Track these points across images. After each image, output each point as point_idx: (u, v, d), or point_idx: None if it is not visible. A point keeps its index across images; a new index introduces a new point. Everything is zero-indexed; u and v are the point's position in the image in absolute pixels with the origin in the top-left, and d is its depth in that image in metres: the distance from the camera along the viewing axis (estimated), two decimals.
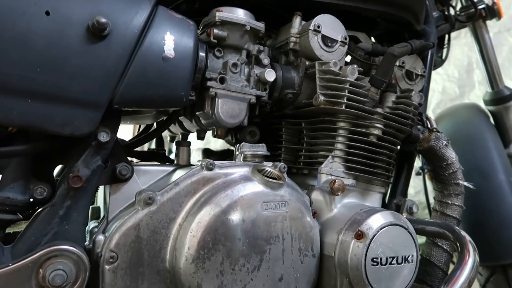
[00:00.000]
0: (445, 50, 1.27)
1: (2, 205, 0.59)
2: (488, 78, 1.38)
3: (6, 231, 0.63)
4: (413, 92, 0.84)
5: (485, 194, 1.16)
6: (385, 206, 0.92)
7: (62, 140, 0.61)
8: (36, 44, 0.55)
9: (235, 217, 0.64)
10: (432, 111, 2.38)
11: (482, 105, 1.41)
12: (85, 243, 0.63)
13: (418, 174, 1.27)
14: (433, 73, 1.09)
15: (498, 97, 1.35)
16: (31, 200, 0.63)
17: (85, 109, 0.58)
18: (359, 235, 0.66)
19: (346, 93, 0.76)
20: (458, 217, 0.93)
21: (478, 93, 2.37)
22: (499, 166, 1.19)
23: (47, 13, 0.56)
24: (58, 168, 0.88)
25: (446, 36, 1.25)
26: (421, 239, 0.84)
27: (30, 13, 0.55)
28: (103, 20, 0.57)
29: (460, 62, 2.46)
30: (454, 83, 2.48)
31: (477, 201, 1.14)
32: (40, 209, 0.60)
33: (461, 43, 2.38)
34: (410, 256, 0.69)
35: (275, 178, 0.69)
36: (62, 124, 0.57)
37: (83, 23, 0.57)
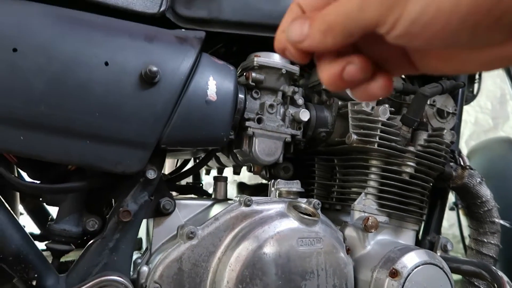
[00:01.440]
0: (476, 85, 1.27)
1: (59, 236, 0.65)
2: None
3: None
4: (445, 131, 0.86)
5: None
6: (418, 243, 0.92)
7: (113, 177, 0.67)
8: (96, 91, 0.61)
9: (272, 252, 0.66)
10: (465, 143, 2.35)
11: None
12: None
13: (451, 209, 1.26)
14: None
15: None
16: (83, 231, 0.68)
17: (136, 149, 0.64)
18: (394, 274, 0.67)
19: (378, 133, 0.79)
20: (494, 256, 0.91)
21: None
22: None
23: (106, 64, 0.62)
24: None
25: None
26: (456, 277, 0.84)
27: (92, 63, 0.62)
28: (155, 69, 0.63)
29: (493, 94, 2.44)
30: (487, 114, 2.45)
31: None
32: (92, 241, 0.65)
33: (493, 74, 2.36)
34: None
35: (309, 215, 0.71)
36: (116, 163, 0.63)
37: (137, 71, 0.63)
